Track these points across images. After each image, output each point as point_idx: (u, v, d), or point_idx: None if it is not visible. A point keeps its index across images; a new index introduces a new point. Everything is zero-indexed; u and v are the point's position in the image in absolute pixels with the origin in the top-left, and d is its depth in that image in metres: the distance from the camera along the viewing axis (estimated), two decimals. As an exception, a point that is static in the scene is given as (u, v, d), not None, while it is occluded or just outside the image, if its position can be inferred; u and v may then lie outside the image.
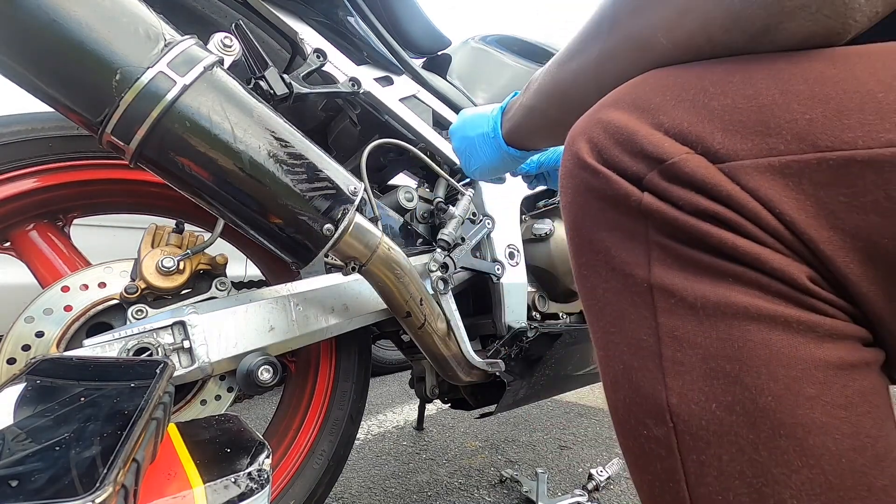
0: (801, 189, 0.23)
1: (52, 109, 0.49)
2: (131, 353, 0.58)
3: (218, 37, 0.55)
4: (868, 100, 0.22)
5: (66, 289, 0.62)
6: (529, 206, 1.15)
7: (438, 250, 0.84)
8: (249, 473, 0.40)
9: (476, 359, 0.83)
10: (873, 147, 0.22)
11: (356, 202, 0.58)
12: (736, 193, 0.24)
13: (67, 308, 0.61)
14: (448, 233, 0.84)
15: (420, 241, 0.89)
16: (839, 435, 0.24)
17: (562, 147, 0.35)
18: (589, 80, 0.33)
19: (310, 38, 0.76)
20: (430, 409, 1.82)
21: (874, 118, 0.22)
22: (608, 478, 1.14)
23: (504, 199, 0.98)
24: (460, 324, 0.84)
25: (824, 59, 0.25)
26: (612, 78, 0.31)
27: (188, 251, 0.67)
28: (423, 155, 0.84)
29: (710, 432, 0.26)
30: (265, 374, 0.63)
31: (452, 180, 0.90)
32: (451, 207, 0.88)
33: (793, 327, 0.24)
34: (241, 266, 1.68)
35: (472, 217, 0.92)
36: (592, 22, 0.33)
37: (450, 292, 0.85)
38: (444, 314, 0.81)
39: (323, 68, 0.73)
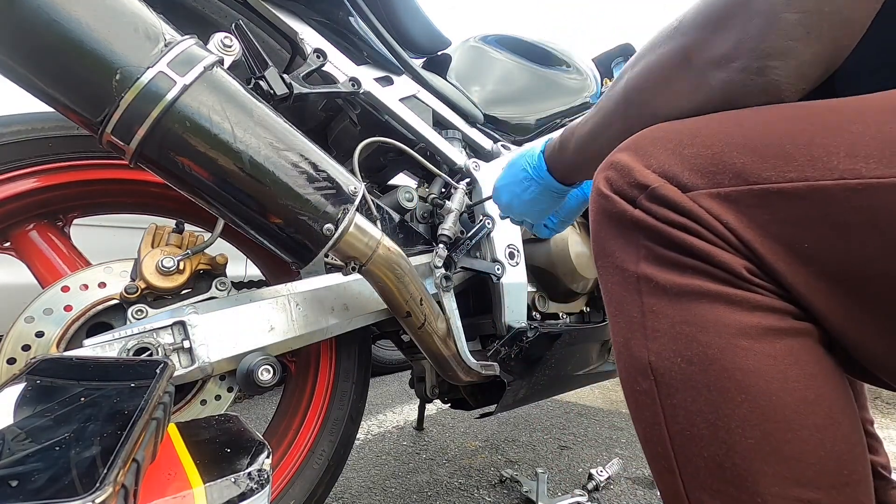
0: (739, 209, 0.33)
1: (52, 109, 0.49)
2: (131, 353, 0.58)
3: (218, 37, 0.55)
4: (780, 149, 0.32)
5: (66, 289, 0.62)
6: (529, 206, 1.15)
7: (441, 246, 0.84)
8: (249, 473, 0.40)
9: (472, 360, 0.83)
10: (780, 182, 0.32)
11: (356, 202, 0.58)
12: (695, 210, 0.34)
13: (67, 308, 0.61)
14: (448, 227, 0.84)
15: (420, 240, 0.89)
16: (768, 377, 0.32)
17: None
18: (613, 139, 0.45)
19: (310, 38, 0.76)
20: (430, 409, 1.82)
21: (782, 163, 0.32)
22: (608, 478, 1.14)
23: (504, 199, 0.98)
24: (459, 325, 0.84)
25: (759, 118, 0.35)
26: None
27: (188, 251, 0.67)
28: (412, 151, 0.85)
29: (678, 380, 0.35)
30: (265, 374, 0.63)
31: (446, 176, 0.90)
32: (446, 202, 0.88)
33: (733, 301, 0.33)
34: (241, 266, 1.68)
35: (469, 212, 0.92)
36: (609, 106, 0.48)
37: (451, 290, 0.85)
38: (445, 314, 0.81)
39: (323, 68, 0.73)
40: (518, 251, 0.97)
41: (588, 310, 1.20)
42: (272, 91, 0.62)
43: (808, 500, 0.31)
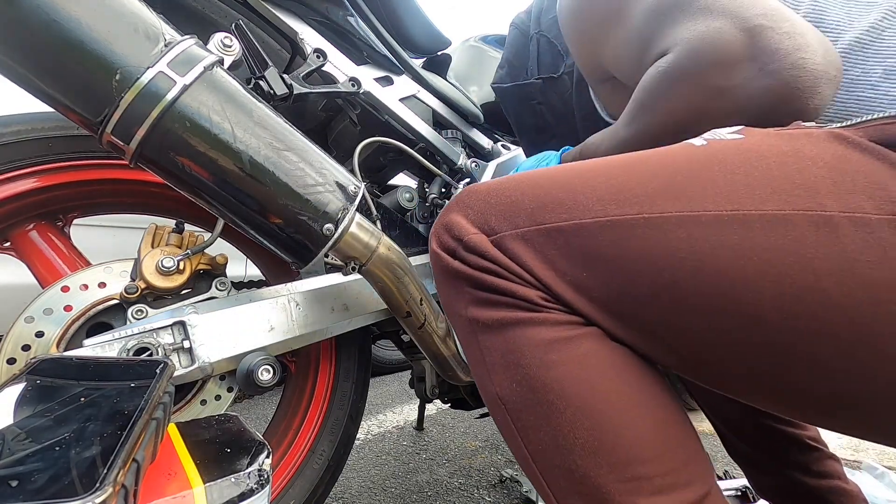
0: (533, 247, 0.39)
1: (52, 109, 0.49)
2: (131, 353, 0.58)
3: (218, 37, 0.55)
4: (555, 196, 0.40)
5: (66, 289, 0.62)
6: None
7: None
8: (249, 473, 0.40)
9: None
10: (557, 222, 0.39)
11: (356, 202, 0.58)
12: (498, 256, 0.40)
13: (67, 308, 0.61)
14: None
15: (420, 240, 0.89)
16: (576, 380, 0.37)
17: None
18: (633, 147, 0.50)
19: (310, 38, 0.75)
20: (430, 409, 1.82)
21: (558, 206, 0.39)
22: (608, 478, 1.14)
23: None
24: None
25: (545, 174, 0.43)
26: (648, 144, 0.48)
27: (188, 251, 0.67)
28: (412, 151, 0.84)
29: (518, 403, 0.39)
30: (265, 374, 0.63)
31: (447, 176, 0.90)
32: (446, 202, 0.88)
33: (535, 322, 0.39)
34: (241, 266, 1.67)
35: None
36: (613, 129, 0.59)
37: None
38: (444, 314, 0.81)
39: (323, 68, 0.73)
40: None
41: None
42: (272, 91, 0.62)
43: (638, 476, 0.35)
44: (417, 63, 0.95)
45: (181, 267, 0.66)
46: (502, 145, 1.07)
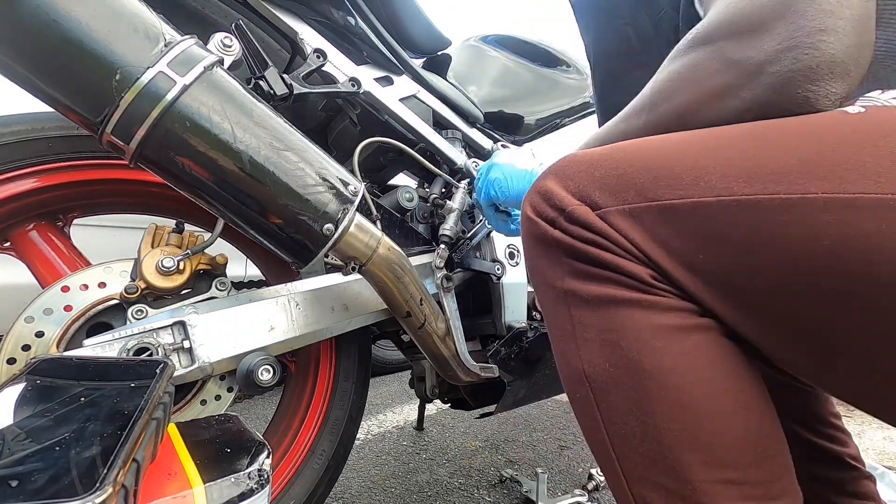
0: (641, 224, 0.37)
1: (52, 109, 0.49)
2: (131, 353, 0.58)
3: (218, 37, 0.55)
4: (670, 171, 0.36)
5: (66, 289, 0.62)
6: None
7: (442, 246, 0.84)
8: (249, 473, 0.40)
9: (471, 362, 0.83)
10: (672, 199, 0.36)
11: (356, 202, 0.58)
12: (604, 228, 0.38)
13: (67, 308, 0.61)
14: (449, 227, 0.84)
15: (420, 240, 0.89)
16: (681, 372, 0.35)
17: None
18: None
19: (310, 38, 0.75)
20: (430, 409, 1.82)
21: (674, 182, 0.36)
22: (608, 478, 1.14)
23: (504, 199, 0.98)
24: (459, 325, 0.84)
25: (656, 143, 0.39)
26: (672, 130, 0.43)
27: (188, 251, 0.67)
28: (412, 151, 0.84)
29: (608, 384, 0.38)
30: (265, 374, 0.63)
31: (447, 176, 0.90)
32: (447, 202, 0.88)
33: (643, 305, 0.37)
34: (241, 266, 1.67)
35: (469, 210, 0.92)
36: (635, 104, 0.47)
37: (452, 290, 0.85)
38: (445, 314, 0.81)
39: (323, 68, 0.73)
40: (518, 251, 0.97)
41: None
42: (272, 91, 0.62)
43: (730, 479, 0.34)
44: (417, 63, 0.95)
45: (181, 267, 0.66)
46: (502, 145, 1.07)
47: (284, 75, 0.64)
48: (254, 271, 1.62)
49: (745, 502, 0.34)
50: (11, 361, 0.58)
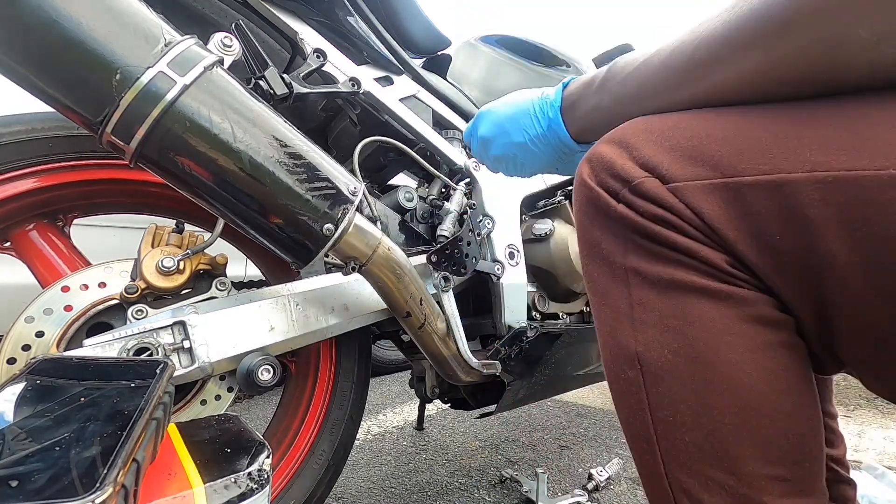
0: (716, 202, 0.33)
1: (52, 109, 0.49)
2: (131, 353, 0.58)
3: (218, 37, 0.55)
4: (755, 141, 0.33)
5: (66, 289, 0.62)
6: (529, 206, 1.15)
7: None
8: (249, 473, 0.40)
9: (473, 360, 0.83)
10: (754, 175, 0.32)
11: (356, 202, 0.58)
12: (676, 205, 0.34)
13: (67, 308, 0.61)
14: (446, 228, 0.84)
15: (420, 241, 0.89)
16: (749, 370, 0.34)
17: None
18: (747, 90, 0.36)
19: (310, 38, 0.75)
20: (430, 409, 1.82)
21: (757, 154, 0.32)
22: (608, 478, 1.14)
23: (504, 198, 0.98)
24: (459, 324, 0.84)
25: (738, 112, 0.35)
26: (790, 84, 0.33)
27: (188, 251, 0.67)
28: (412, 151, 0.84)
29: (664, 371, 0.36)
30: (265, 374, 0.63)
31: (445, 177, 0.90)
32: (445, 203, 0.88)
33: (716, 295, 0.34)
34: (241, 266, 1.67)
35: (468, 210, 0.92)
36: (735, 29, 0.34)
37: (451, 290, 0.85)
38: (445, 314, 0.81)
39: (323, 68, 0.73)
40: (518, 251, 0.97)
41: (588, 310, 1.20)
42: (272, 91, 0.62)
43: (777, 476, 0.34)
44: (417, 63, 0.95)
45: (181, 267, 0.66)
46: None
47: (284, 75, 0.64)
48: (254, 271, 1.62)
49: (786, 498, 0.34)
50: (12, 361, 0.58)
